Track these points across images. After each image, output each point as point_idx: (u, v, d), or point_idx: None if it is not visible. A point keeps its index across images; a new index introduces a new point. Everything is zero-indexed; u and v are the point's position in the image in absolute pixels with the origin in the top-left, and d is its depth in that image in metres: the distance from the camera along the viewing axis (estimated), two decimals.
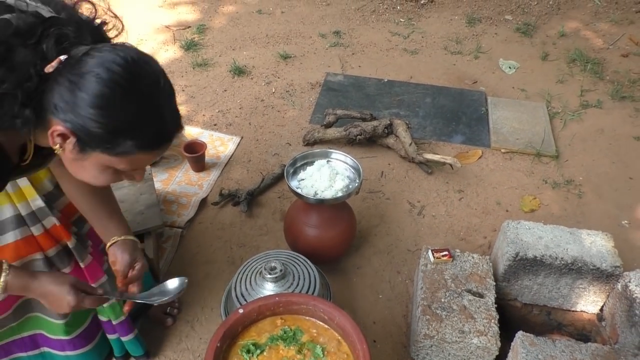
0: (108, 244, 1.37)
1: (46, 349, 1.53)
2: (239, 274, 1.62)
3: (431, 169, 2.41)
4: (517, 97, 2.98)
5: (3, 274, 1.08)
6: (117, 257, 1.35)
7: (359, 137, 2.47)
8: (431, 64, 3.29)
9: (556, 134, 2.68)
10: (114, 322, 1.52)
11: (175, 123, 0.99)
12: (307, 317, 1.37)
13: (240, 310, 1.33)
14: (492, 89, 3.05)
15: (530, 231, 1.75)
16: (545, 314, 1.84)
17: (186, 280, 1.31)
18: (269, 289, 1.54)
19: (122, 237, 1.37)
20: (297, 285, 1.56)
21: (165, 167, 2.42)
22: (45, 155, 1.12)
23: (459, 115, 2.82)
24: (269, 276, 1.53)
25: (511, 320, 1.82)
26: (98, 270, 1.44)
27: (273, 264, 1.56)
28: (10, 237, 1.29)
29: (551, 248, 1.68)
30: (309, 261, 1.66)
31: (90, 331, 1.53)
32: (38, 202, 1.31)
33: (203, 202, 2.24)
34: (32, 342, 1.50)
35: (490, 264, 1.77)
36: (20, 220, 1.29)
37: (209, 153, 2.49)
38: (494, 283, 1.71)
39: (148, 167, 2.16)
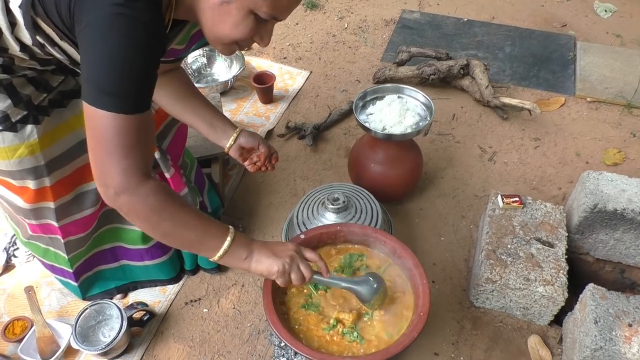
0: (231, 139, 1.39)
1: (125, 262, 1.62)
2: (301, 202, 1.63)
3: (507, 114, 2.28)
4: (610, 43, 2.72)
5: (231, 228, 1.08)
6: (254, 141, 1.42)
7: (432, 76, 2.36)
8: (516, 4, 3.06)
9: None
10: None
11: None
12: (368, 249, 1.36)
13: (302, 236, 1.33)
14: (582, 34, 2.80)
15: (613, 183, 1.62)
16: (619, 271, 1.74)
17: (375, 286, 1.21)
18: (330, 219, 1.54)
19: (239, 129, 1.41)
20: (359, 218, 1.55)
21: (233, 98, 2.43)
22: (175, 33, 1.14)
23: (543, 60, 2.62)
24: (331, 206, 1.52)
25: (580, 275, 1.74)
26: (180, 182, 1.48)
27: (336, 195, 1.55)
28: None
29: (635, 202, 1.56)
30: (372, 196, 1.63)
31: None
32: None
33: (269, 134, 2.24)
34: (112, 254, 1.59)
35: (564, 214, 1.67)
36: None
37: (277, 86, 2.47)
38: (566, 234, 1.62)
39: (217, 95, 2.17)
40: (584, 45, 2.66)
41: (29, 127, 1.19)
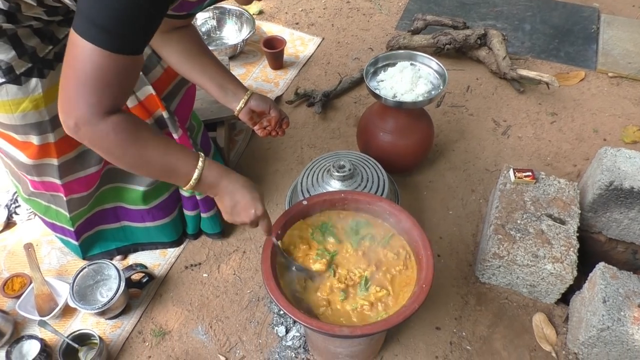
0: (242, 102, 1.35)
1: (126, 223, 1.60)
2: (306, 169, 1.59)
3: (523, 87, 2.20)
4: (636, 16, 2.61)
5: (199, 164, 1.05)
6: (265, 105, 1.38)
7: (447, 46, 2.28)
8: None
9: None
10: (198, 198, 1.55)
11: None
12: (373, 218, 1.32)
13: (304, 202, 1.29)
14: (607, 6, 2.68)
15: (631, 160, 1.55)
16: (632, 252, 1.68)
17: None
18: (335, 187, 1.50)
19: (250, 92, 1.36)
20: (365, 187, 1.51)
21: (243, 62, 2.37)
22: None
23: (564, 32, 2.52)
24: (336, 174, 1.48)
25: (591, 254, 1.69)
26: (188, 144, 1.45)
27: (342, 163, 1.50)
28: None
29: None
30: (379, 165, 1.58)
31: (168, 204, 1.57)
32: None
33: (278, 100, 2.19)
34: (114, 214, 1.57)
35: (578, 191, 1.61)
36: None
37: (288, 52, 2.41)
38: (579, 211, 1.56)
39: (225, 58, 2.12)
40: (608, 18, 2.55)
41: (34, 81, 1.16)
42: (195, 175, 1.04)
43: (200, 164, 1.05)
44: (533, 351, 1.44)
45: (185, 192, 1.55)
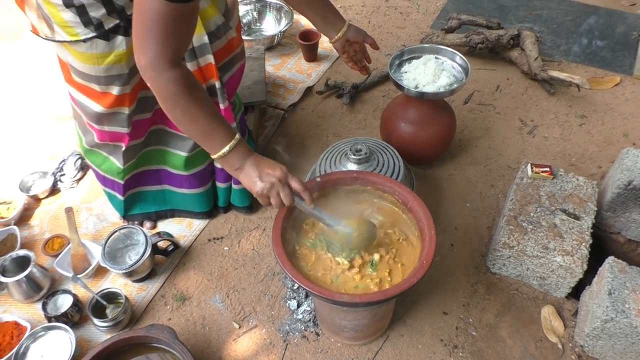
0: (340, 33, 1.60)
1: (167, 187, 1.71)
2: (325, 153, 1.65)
3: (554, 89, 2.20)
4: None
5: (233, 141, 1.18)
6: (360, 36, 1.67)
7: (480, 45, 2.30)
8: None
9: None
10: None
11: None
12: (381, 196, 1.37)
13: (318, 179, 1.36)
14: None
15: None
16: None
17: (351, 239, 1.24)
18: (351, 169, 1.55)
19: (347, 23, 1.60)
20: (380, 171, 1.56)
21: (279, 54, 2.47)
22: None
23: (603, 37, 2.49)
24: (353, 157, 1.54)
25: (610, 254, 1.67)
26: (232, 116, 1.53)
27: (359, 146, 1.56)
28: None
29: None
30: (397, 152, 1.63)
31: (204, 175, 1.67)
32: (204, 39, 1.36)
33: (309, 90, 2.27)
34: (157, 177, 1.69)
35: (597, 189, 1.61)
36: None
37: (323, 45, 2.49)
38: (596, 209, 1.56)
39: (261, 47, 2.22)
40: None
41: (119, 38, 1.28)
42: (227, 147, 1.18)
43: (234, 141, 1.19)
44: (539, 342, 1.46)
45: (218, 164, 1.64)
